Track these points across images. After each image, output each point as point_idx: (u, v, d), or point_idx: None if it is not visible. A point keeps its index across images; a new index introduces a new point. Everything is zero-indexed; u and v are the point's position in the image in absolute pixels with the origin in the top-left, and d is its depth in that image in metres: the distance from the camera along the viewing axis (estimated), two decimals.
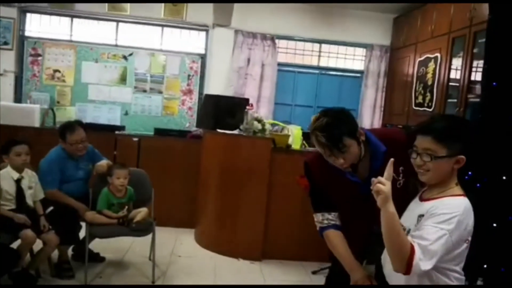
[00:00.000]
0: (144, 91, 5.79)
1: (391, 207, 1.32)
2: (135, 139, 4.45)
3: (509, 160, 3.35)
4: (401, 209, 1.52)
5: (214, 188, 3.91)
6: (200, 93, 5.91)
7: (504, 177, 3.27)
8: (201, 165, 4.13)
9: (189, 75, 5.92)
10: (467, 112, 4.38)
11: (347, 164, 1.73)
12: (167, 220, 4.00)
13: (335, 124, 1.68)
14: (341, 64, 6.41)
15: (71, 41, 5.73)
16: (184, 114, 5.90)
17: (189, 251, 3.82)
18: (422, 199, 1.50)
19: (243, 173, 3.73)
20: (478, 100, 4.13)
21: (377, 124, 6.26)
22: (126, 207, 3.10)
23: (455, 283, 1.41)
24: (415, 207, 1.50)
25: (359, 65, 6.36)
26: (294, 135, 3.84)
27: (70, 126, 3.18)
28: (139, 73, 5.78)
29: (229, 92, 5.93)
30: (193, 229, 4.20)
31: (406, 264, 1.30)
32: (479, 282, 3.26)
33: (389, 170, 1.39)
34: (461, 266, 1.41)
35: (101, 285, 2.95)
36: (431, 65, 4.95)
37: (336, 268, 2.08)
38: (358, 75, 6.39)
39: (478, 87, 4.22)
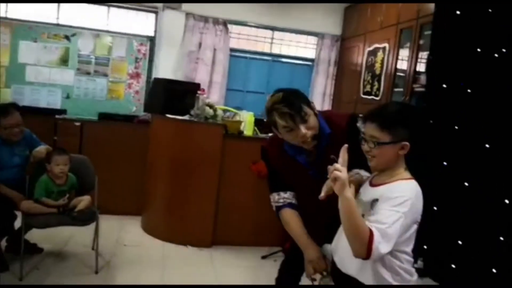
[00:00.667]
0: (88, 73, 5.49)
1: (349, 193, 1.33)
2: (78, 123, 4.21)
3: (450, 147, 3.50)
4: None
5: (162, 175, 3.79)
6: (149, 77, 5.71)
7: (445, 163, 3.42)
8: (149, 151, 3.98)
9: (137, 58, 5.68)
10: (413, 101, 4.53)
11: (310, 134, 1.72)
12: (112, 208, 3.82)
13: (292, 95, 1.72)
14: (293, 52, 6.42)
15: (6, 18, 5.32)
16: (130, 99, 5.67)
17: (136, 239, 3.69)
18: (372, 185, 1.50)
19: (194, 160, 3.64)
20: (422, 89, 4.28)
21: None
22: (67, 195, 2.92)
23: (405, 264, 1.43)
24: (367, 192, 1.50)
25: (310, 53, 6.40)
26: (247, 121, 3.79)
27: (4, 109, 2.94)
28: (83, 55, 5.46)
29: (179, 77, 5.78)
30: (140, 217, 4.06)
31: (366, 248, 1.30)
32: (419, 262, 3.42)
33: (343, 155, 1.39)
34: (411, 247, 1.44)
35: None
36: (380, 55, 5.07)
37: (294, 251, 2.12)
38: (309, 63, 6.44)
39: (423, 77, 4.36)
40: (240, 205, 3.75)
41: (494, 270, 2.93)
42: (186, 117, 3.79)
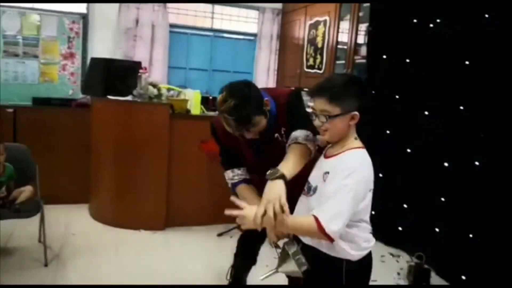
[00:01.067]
0: (16, 55, 5.09)
1: (288, 223, 1.40)
2: (10, 110, 3.91)
3: (392, 115, 3.65)
4: None
5: (109, 159, 3.64)
6: (84, 56, 5.39)
7: (388, 131, 3.56)
8: (91, 136, 3.80)
9: (69, 37, 5.34)
10: (354, 73, 4.65)
11: (255, 134, 1.76)
12: (57, 197, 3.64)
13: (242, 105, 1.66)
14: (235, 27, 6.32)
15: None
16: (65, 81, 5.34)
17: (85, 227, 3.55)
18: (326, 157, 1.53)
19: (141, 142, 3.52)
20: (363, 61, 4.40)
21: (271, 86, 6.37)
22: (5, 186, 2.74)
23: (362, 233, 1.48)
24: (321, 164, 1.54)
25: (252, 28, 6.34)
26: (193, 99, 3.70)
27: None
28: (8, 35, 5.04)
29: (117, 55, 5.50)
30: (87, 205, 3.91)
31: (321, 233, 1.35)
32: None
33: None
34: (368, 215, 1.48)
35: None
36: (321, 28, 5.12)
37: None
38: (252, 38, 6.38)
39: (363, 49, 4.48)
40: (192, 185, 3.71)
41: (437, 229, 3.14)
42: (129, 98, 3.64)
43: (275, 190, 1.46)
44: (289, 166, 1.55)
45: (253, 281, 2.70)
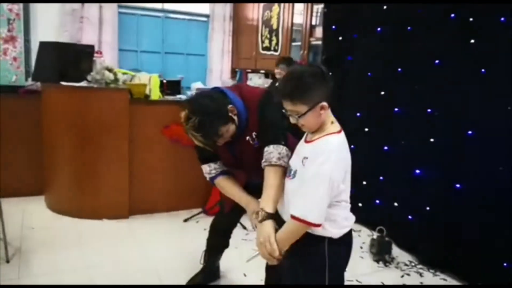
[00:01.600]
0: None
1: (286, 243, 1.52)
2: None
3: (348, 95, 3.76)
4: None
5: (64, 149, 3.48)
6: (26, 40, 5.06)
7: (344, 110, 3.64)
8: (43, 124, 3.61)
9: (9, 19, 4.97)
10: (310, 54, 4.73)
11: (226, 140, 1.80)
12: (9, 190, 3.45)
13: (207, 121, 1.67)
14: (186, 8, 6.18)
15: None
16: (7, 66, 4.97)
17: (44, 220, 3.41)
18: (306, 141, 1.57)
19: (99, 129, 3.40)
20: (319, 42, 4.48)
21: (226, 68, 6.34)
22: None
23: (345, 211, 1.55)
24: (301, 149, 1.57)
25: (205, 9, 6.23)
26: (152, 84, 3.61)
27: None
28: None
29: (64, 39, 5.25)
30: (43, 196, 3.74)
31: (304, 226, 1.44)
32: None
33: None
34: (348, 194, 1.55)
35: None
36: (275, 9, 5.13)
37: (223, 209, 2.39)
38: (205, 19, 6.28)
39: (318, 30, 4.55)
40: (154, 172, 3.65)
41: (395, 204, 3.31)
42: (83, 84, 3.49)
43: (264, 232, 1.56)
44: (270, 200, 1.62)
45: (228, 264, 2.76)
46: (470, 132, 2.72)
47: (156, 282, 2.61)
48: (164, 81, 4.14)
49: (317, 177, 1.42)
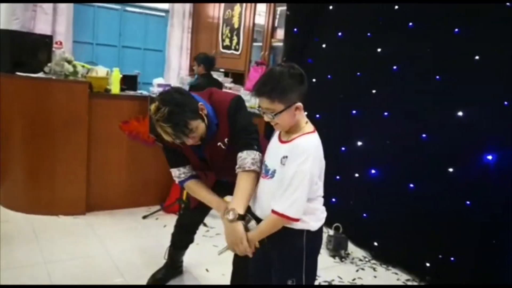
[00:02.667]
0: None
1: (254, 240, 1.60)
2: None
3: (308, 97, 3.88)
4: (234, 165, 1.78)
5: (19, 142, 3.33)
6: None
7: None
8: None
9: None
10: (271, 56, 4.82)
11: (196, 141, 1.80)
12: None
13: (177, 111, 1.68)
14: (145, 2, 6.08)
15: None
16: None
17: None
18: (281, 141, 1.63)
19: (57, 122, 3.28)
20: (280, 44, 4.58)
21: (185, 65, 6.30)
22: None
23: (321, 205, 1.65)
24: (277, 149, 1.62)
25: (164, 4, 6.16)
26: (113, 78, 3.54)
27: None
28: None
29: (14, 27, 5.00)
30: None
31: (284, 221, 1.52)
32: None
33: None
34: (322, 190, 1.64)
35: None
36: (237, 8, 5.18)
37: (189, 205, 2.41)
38: (163, 14, 6.21)
39: (280, 32, 4.65)
40: (113, 168, 3.59)
41: (351, 202, 3.47)
42: (41, 75, 3.37)
43: (237, 232, 1.61)
44: (241, 202, 1.66)
45: (190, 260, 2.78)
46: (424, 135, 2.91)
47: (117, 278, 2.58)
48: (121, 75, 4.07)
49: (298, 175, 1.49)
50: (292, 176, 1.50)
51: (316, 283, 2.75)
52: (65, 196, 3.39)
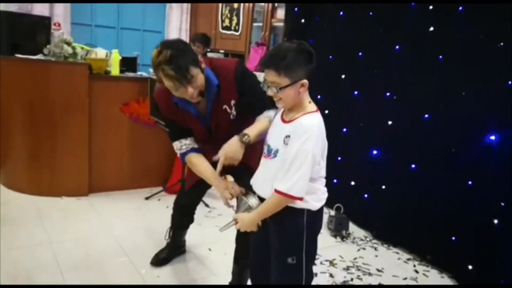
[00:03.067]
0: None
1: (257, 219, 1.63)
2: None
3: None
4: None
5: (20, 125, 3.33)
6: None
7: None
8: None
9: None
10: (272, 36, 4.78)
11: (196, 92, 1.78)
12: None
13: (179, 55, 1.68)
14: None
15: None
16: None
17: (1, 197, 3.26)
18: (284, 121, 1.62)
19: (57, 104, 3.27)
20: (281, 24, 4.54)
21: None
22: None
23: (323, 186, 1.65)
24: (280, 128, 1.62)
25: None
26: (112, 59, 3.52)
27: None
28: None
29: (12, 9, 4.93)
30: None
31: (287, 200, 1.53)
32: None
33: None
34: (324, 170, 1.64)
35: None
36: None
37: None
38: None
39: (280, 12, 4.59)
40: (115, 149, 3.59)
41: (352, 183, 3.48)
42: (40, 57, 3.34)
43: (236, 149, 1.73)
44: (255, 131, 1.78)
45: (192, 241, 2.81)
46: (426, 115, 2.91)
47: (122, 257, 2.61)
48: (120, 57, 4.04)
49: (301, 154, 1.49)
50: (295, 155, 1.50)
51: (317, 262, 2.79)
52: (67, 177, 3.40)
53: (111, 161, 3.58)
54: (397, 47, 3.11)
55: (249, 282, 2.01)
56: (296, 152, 1.50)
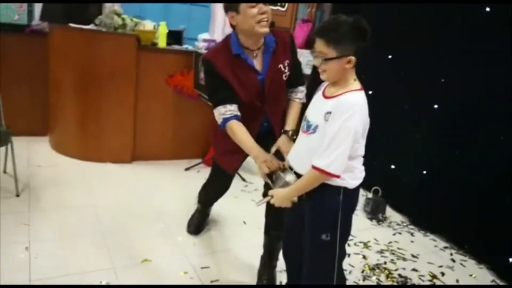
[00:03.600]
0: None
1: (293, 195, 1.65)
2: None
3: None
4: (281, 98, 2.09)
5: (71, 91, 3.49)
6: None
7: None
8: (50, 65, 3.60)
9: None
10: (318, 13, 4.68)
11: (269, 19, 1.88)
12: (12, 129, 3.47)
13: None
14: None
15: None
16: (10, 5, 4.88)
17: (49, 160, 3.47)
18: (325, 97, 1.60)
19: (106, 73, 3.40)
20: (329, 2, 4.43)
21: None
22: None
23: (361, 164, 1.64)
24: (321, 104, 1.60)
25: None
26: (160, 32, 3.58)
27: None
28: None
29: None
30: (47, 137, 3.79)
31: (328, 176, 1.52)
32: None
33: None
34: (363, 149, 1.62)
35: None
36: None
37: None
38: None
39: None
40: (158, 119, 3.69)
41: (392, 166, 3.41)
42: (91, 27, 3.46)
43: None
44: (292, 123, 2.05)
45: (228, 213, 2.87)
46: (475, 101, 2.78)
47: (159, 223, 2.72)
48: (167, 30, 4.09)
49: (342, 131, 1.47)
50: (336, 132, 1.48)
51: (351, 243, 2.79)
52: (112, 144, 3.55)
53: (154, 130, 3.69)
54: (449, 30, 2.97)
55: (280, 255, 2.04)
56: (337, 129, 1.48)
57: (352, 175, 1.59)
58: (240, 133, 1.94)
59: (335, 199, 1.59)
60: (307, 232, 1.70)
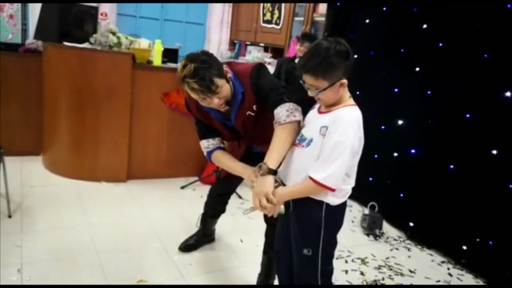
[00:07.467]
0: None
1: (286, 195, 1.61)
2: None
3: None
4: (266, 129, 1.79)
5: (65, 110, 3.48)
6: None
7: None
8: (44, 84, 3.60)
9: None
10: (312, 30, 4.73)
11: (222, 102, 1.81)
12: (6, 148, 3.45)
13: (203, 67, 1.70)
14: None
15: None
16: (4, 24, 4.90)
17: (42, 179, 3.44)
18: (320, 112, 1.62)
19: (101, 92, 3.40)
20: (322, 19, 4.49)
21: (225, 40, 6.30)
22: None
23: (347, 186, 1.63)
24: (316, 119, 1.62)
25: None
26: (155, 50, 3.60)
27: None
28: None
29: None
30: (39, 157, 3.76)
31: (324, 188, 1.52)
32: None
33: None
34: (355, 171, 1.64)
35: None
36: None
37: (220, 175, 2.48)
38: None
39: (322, 6, 4.54)
40: (153, 137, 3.69)
41: (388, 182, 3.41)
42: (86, 45, 3.47)
43: (263, 186, 1.61)
44: (274, 156, 1.64)
45: (224, 230, 2.85)
46: (467, 115, 2.81)
47: (155, 243, 2.69)
48: (162, 48, 4.12)
49: (340, 145, 1.48)
50: (334, 145, 1.49)
51: (349, 259, 2.76)
52: (107, 163, 3.53)
53: (149, 149, 3.68)
54: (440, 44, 3.01)
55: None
56: (335, 142, 1.49)
57: (336, 193, 1.58)
58: (225, 161, 1.99)
59: (318, 215, 1.60)
60: (293, 246, 1.72)
